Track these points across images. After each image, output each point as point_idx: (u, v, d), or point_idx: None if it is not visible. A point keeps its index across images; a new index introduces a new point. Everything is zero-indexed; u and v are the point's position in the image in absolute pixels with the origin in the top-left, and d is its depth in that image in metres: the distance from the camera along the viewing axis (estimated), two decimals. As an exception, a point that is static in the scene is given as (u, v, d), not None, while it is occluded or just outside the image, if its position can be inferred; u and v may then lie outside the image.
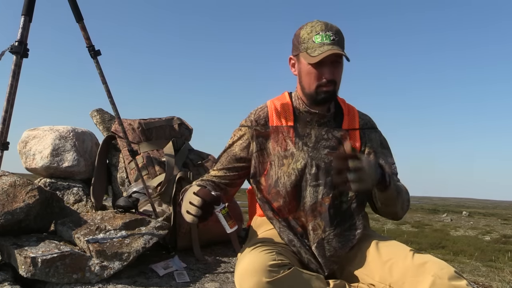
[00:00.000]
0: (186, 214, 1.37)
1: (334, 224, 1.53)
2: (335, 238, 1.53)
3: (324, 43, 1.48)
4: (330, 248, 1.52)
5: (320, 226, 1.53)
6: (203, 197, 1.33)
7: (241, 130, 1.68)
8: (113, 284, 1.70)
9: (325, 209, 1.53)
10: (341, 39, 1.52)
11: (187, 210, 1.37)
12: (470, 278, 4.43)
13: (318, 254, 1.52)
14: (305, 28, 1.54)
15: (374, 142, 1.67)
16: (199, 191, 1.35)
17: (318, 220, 1.53)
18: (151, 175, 2.43)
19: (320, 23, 1.52)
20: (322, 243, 1.52)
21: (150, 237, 1.91)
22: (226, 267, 2.03)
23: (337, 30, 1.52)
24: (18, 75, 1.65)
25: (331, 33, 1.50)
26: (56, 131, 2.68)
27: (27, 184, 1.99)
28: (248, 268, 1.32)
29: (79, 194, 2.62)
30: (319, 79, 1.52)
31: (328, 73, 1.51)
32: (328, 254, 1.52)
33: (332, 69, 1.51)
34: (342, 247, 1.53)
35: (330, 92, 1.54)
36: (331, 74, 1.51)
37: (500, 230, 18.61)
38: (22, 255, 1.65)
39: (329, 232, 1.52)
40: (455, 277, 1.30)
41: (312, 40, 1.50)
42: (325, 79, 1.51)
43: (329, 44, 1.48)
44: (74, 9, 1.93)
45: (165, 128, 2.74)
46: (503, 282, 3.77)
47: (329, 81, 1.52)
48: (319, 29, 1.51)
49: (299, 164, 1.56)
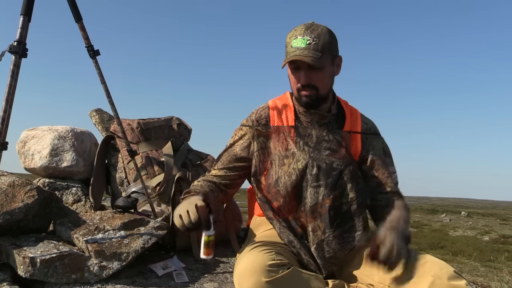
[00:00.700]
0: (177, 217, 1.37)
1: (334, 226, 1.53)
2: (335, 240, 1.52)
3: (298, 47, 1.47)
4: (330, 250, 1.52)
5: (320, 227, 1.52)
6: (201, 215, 1.32)
7: (242, 129, 1.68)
8: (112, 284, 1.69)
9: (326, 210, 1.52)
10: (322, 42, 1.48)
11: (180, 215, 1.36)
12: (469, 278, 4.44)
13: (317, 256, 1.51)
14: (290, 32, 1.54)
15: (377, 150, 1.66)
16: (201, 208, 1.33)
17: (318, 221, 1.53)
18: (150, 175, 2.43)
19: (302, 27, 1.50)
20: (322, 245, 1.52)
21: (149, 237, 1.90)
22: (225, 267, 2.03)
23: (320, 33, 1.49)
24: (17, 75, 1.65)
25: (308, 37, 1.47)
26: (55, 131, 2.67)
27: (26, 184, 1.99)
28: (247, 267, 1.32)
29: (78, 194, 2.62)
30: (296, 84, 1.53)
31: (303, 78, 1.50)
32: (327, 256, 1.52)
33: (309, 74, 1.50)
34: (341, 249, 1.53)
35: (310, 97, 1.53)
36: (306, 79, 1.50)
37: (499, 230, 18.64)
38: (20, 255, 1.64)
39: (329, 234, 1.52)
40: (454, 277, 1.30)
41: (290, 45, 1.50)
42: (300, 84, 1.51)
43: (302, 49, 1.46)
44: (73, 9, 1.93)
45: (164, 128, 2.74)
46: (502, 282, 3.77)
47: (305, 85, 1.51)
48: (298, 33, 1.49)
49: (300, 164, 1.56)
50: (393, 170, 1.67)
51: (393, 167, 1.68)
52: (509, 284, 3.68)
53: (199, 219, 1.31)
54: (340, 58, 1.59)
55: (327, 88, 1.58)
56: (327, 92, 1.59)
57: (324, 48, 1.48)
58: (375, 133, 1.70)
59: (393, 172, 1.66)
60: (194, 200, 1.37)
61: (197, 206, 1.33)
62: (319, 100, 1.57)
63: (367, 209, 1.64)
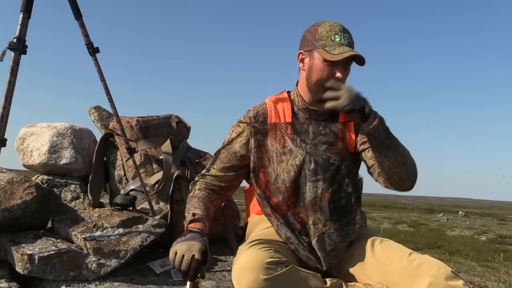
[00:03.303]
0: (173, 252, 1.36)
1: (334, 219, 1.55)
2: (336, 232, 1.54)
3: (342, 43, 1.52)
4: (331, 242, 1.53)
5: (320, 220, 1.55)
6: (192, 269, 1.32)
7: (240, 126, 1.68)
8: (110, 281, 1.70)
9: (325, 203, 1.55)
10: (353, 43, 1.56)
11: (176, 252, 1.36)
12: (466, 278, 4.45)
13: (319, 249, 1.53)
14: (324, 26, 1.56)
15: None
16: (195, 261, 1.32)
17: (318, 214, 1.55)
18: (148, 173, 2.44)
19: (339, 24, 1.56)
20: (323, 237, 1.53)
21: (147, 235, 1.91)
22: (223, 266, 2.04)
23: (351, 34, 1.57)
24: (16, 72, 1.65)
25: (348, 36, 1.54)
26: (54, 128, 2.67)
27: (25, 181, 1.99)
28: (246, 265, 1.33)
29: (77, 192, 2.62)
30: (329, 77, 1.53)
31: (342, 73, 1.53)
32: (328, 248, 1.53)
33: (345, 70, 1.55)
34: (342, 241, 1.55)
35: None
36: (344, 74, 1.54)
37: (496, 230, 18.68)
38: (19, 252, 1.64)
39: (330, 226, 1.54)
40: (452, 277, 1.31)
41: (331, 39, 1.53)
42: (338, 76, 1.52)
43: (347, 46, 1.52)
44: (73, 6, 1.93)
45: (163, 126, 2.74)
46: (499, 282, 3.79)
47: (340, 79, 1.53)
48: (337, 29, 1.54)
49: (297, 160, 1.58)
50: None
51: None
52: (506, 284, 3.70)
53: (188, 269, 1.33)
54: None
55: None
56: None
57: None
58: None
59: None
60: (195, 248, 1.36)
61: (193, 257, 1.33)
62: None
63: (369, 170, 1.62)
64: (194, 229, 1.45)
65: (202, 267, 1.35)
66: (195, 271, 1.33)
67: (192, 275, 1.33)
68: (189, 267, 1.33)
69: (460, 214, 31.76)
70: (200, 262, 1.33)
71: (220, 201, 1.71)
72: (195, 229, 1.45)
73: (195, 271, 1.33)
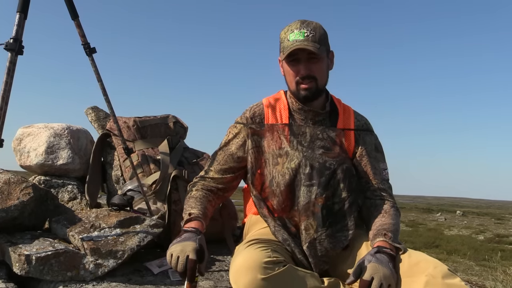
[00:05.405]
0: (169, 255, 1.36)
1: (326, 225, 1.53)
2: (327, 239, 1.53)
3: (296, 40, 1.49)
4: (322, 249, 1.52)
5: (312, 226, 1.53)
6: (189, 270, 1.32)
7: (236, 127, 1.68)
8: (107, 282, 1.70)
9: (318, 209, 1.53)
10: (318, 34, 1.51)
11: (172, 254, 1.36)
12: (463, 277, 4.46)
13: (309, 254, 1.52)
14: (284, 29, 1.56)
15: (369, 145, 1.67)
16: (191, 262, 1.32)
17: (311, 220, 1.53)
18: (146, 173, 2.43)
19: (297, 22, 1.54)
20: (314, 243, 1.52)
21: (145, 235, 1.91)
22: (221, 266, 2.04)
23: (315, 26, 1.53)
24: (13, 72, 1.65)
25: (305, 30, 1.50)
26: (51, 128, 2.67)
27: (22, 181, 1.99)
28: (244, 264, 1.33)
29: (74, 192, 2.61)
30: (296, 76, 1.54)
31: (304, 69, 1.52)
32: (319, 254, 1.52)
33: (309, 65, 1.52)
34: (334, 248, 1.53)
35: (310, 89, 1.54)
36: (307, 70, 1.52)
37: (494, 229, 18.73)
38: (16, 253, 1.64)
39: (321, 233, 1.52)
40: (448, 275, 1.30)
41: (287, 39, 1.52)
42: (300, 75, 1.52)
43: (301, 40, 1.48)
44: (69, 7, 1.92)
45: (160, 126, 2.74)
46: (496, 281, 3.80)
47: (305, 77, 1.52)
48: (294, 27, 1.52)
49: (293, 163, 1.56)
50: (384, 166, 1.68)
51: (384, 163, 1.69)
52: (504, 283, 3.71)
53: (185, 270, 1.33)
54: (333, 53, 1.63)
55: (324, 80, 1.60)
56: (324, 85, 1.62)
57: (321, 40, 1.52)
58: (368, 129, 1.71)
59: (384, 168, 1.67)
60: (189, 249, 1.35)
61: (188, 258, 1.33)
62: (318, 93, 1.58)
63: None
64: (189, 229, 1.45)
65: (199, 266, 1.35)
66: (192, 271, 1.33)
67: (189, 276, 1.33)
68: (185, 268, 1.33)
69: (458, 213, 31.83)
70: (195, 261, 1.33)
71: (219, 201, 1.71)
72: (190, 228, 1.45)
73: (192, 271, 1.33)
